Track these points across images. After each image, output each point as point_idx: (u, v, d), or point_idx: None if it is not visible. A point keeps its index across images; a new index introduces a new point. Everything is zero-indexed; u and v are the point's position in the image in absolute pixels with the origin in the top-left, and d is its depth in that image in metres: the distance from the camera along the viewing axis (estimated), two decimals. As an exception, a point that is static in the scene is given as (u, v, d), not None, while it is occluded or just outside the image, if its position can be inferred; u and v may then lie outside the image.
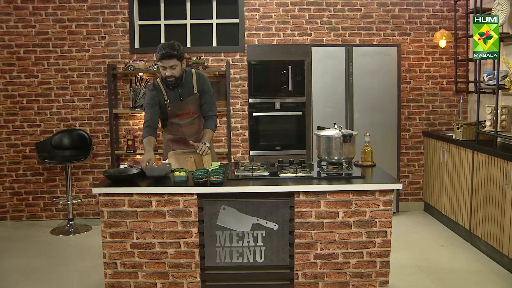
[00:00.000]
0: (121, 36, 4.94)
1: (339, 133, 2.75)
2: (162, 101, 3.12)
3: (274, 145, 4.79)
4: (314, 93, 4.66)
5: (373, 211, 2.58)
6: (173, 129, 3.22)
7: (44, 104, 4.94)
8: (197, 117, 3.18)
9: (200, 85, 3.11)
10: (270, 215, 2.57)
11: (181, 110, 3.11)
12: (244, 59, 4.96)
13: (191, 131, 3.19)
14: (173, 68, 2.96)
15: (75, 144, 4.82)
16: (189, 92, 3.11)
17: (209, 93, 3.16)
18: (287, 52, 4.71)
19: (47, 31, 4.88)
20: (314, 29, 4.97)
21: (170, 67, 2.96)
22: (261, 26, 4.96)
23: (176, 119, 3.16)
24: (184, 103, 3.10)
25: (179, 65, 2.99)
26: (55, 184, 4.99)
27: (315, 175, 2.72)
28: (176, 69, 2.98)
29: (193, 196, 2.55)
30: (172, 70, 2.97)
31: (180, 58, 2.97)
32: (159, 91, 3.12)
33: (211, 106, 3.16)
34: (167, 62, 2.93)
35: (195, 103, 3.12)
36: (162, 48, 2.92)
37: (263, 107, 4.74)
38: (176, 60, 2.95)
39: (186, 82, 3.11)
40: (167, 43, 2.95)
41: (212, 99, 3.18)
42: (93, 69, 4.94)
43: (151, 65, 4.79)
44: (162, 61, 2.93)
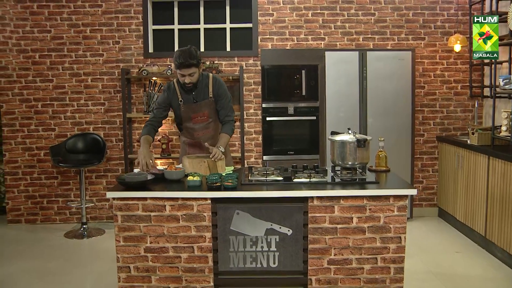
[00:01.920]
0: (135, 41, 5.00)
1: (353, 138, 2.75)
2: (176, 103, 3.14)
3: (287, 150, 4.80)
4: (328, 98, 4.66)
5: (387, 217, 2.57)
6: (188, 134, 3.24)
7: (59, 108, 5.01)
8: (212, 122, 3.20)
9: (216, 90, 3.13)
10: (284, 220, 2.58)
11: (195, 112, 3.14)
12: (257, 64, 4.98)
13: (206, 136, 3.20)
14: (191, 75, 2.99)
15: (89, 148, 4.88)
16: (204, 96, 3.13)
17: (226, 98, 3.17)
18: (301, 56, 4.73)
19: (62, 35, 4.96)
20: (327, 34, 4.98)
21: (188, 75, 2.99)
22: (275, 30, 4.99)
23: (190, 123, 3.18)
24: (198, 106, 3.13)
25: (197, 71, 3.02)
26: (69, 188, 5.06)
27: (329, 180, 2.72)
28: (195, 75, 3.01)
29: (206, 201, 2.57)
30: (190, 77, 3.00)
31: (198, 65, 3.00)
32: (173, 92, 3.15)
33: (228, 111, 3.17)
34: (185, 70, 2.95)
35: (210, 107, 3.15)
36: (180, 56, 2.92)
37: (276, 111, 4.76)
38: (195, 68, 2.97)
39: (201, 85, 3.13)
40: (184, 51, 2.95)
41: (229, 104, 3.19)
42: (107, 74, 5.01)
43: (165, 69, 4.84)
44: (180, 70, 2.95)
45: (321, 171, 2.86)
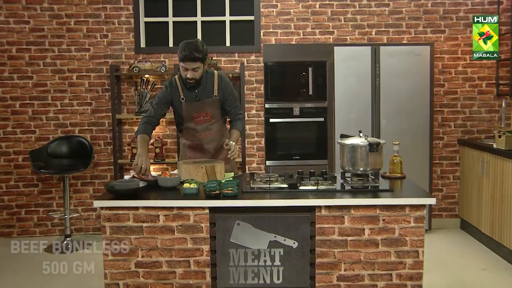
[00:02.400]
0: (125, 34, 5.04)
1: (364, 142, 2.78)
2: (177, 100, 3.20)
3: (292, 155, 4.82)
4: (337, 98, 4.69)
5: (403, 228, 2.59)
6: (189, 135, 3.29)
7: (40, 109, 5.02)
8: (216, 123, 3.24)
9: (221, 89, 3.19)
10: (289, 232, 2.61)
11: (197, 111, 3.19)
12: (260, 60, 5.02)
13: (208, 138, 3.25)
14: (195, 70, 3.05)
15: (74, 152, 4.89)
16: (208, 94, 3.19)
17: (234, 97, 3.27)
18: (307, 52, 4.76)
19: (43, 27, 4.97)
20: (337, 27, 5.02)
21: (192, 70, 3.04)
22: (279, 23, 5.02)
23: (192, 123, 3.22)
24: (201, 104, 3.18)
25: (202, 67, 3.08)
26: (51, 197, 5.06)
27: (338, 188, 2.75)
28: (198, 71, 3.07)
29: (204, 210, 2.60)
30: (193, 73, 3.06)
31: (204, 61, 3.07)
32: (175, 89, 3.20)
33: (238, 109, 3.29)
34: (190, 64, 3.02)
35: (214, 106, 3.20)
36: (185, 48, 2.99)
37: (280, 112, 4.79)
38: (200, 62, 3.04)
39: (205, 83, 3.19)
40: (191, 43, 3.02)
41: (237, 102, 3.30)
42: (94, 70, 5.04)
43: (158, 66, 4.87)
44: (184, 63, 3.02)
45: (330, 178, 2.89)
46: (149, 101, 4.88)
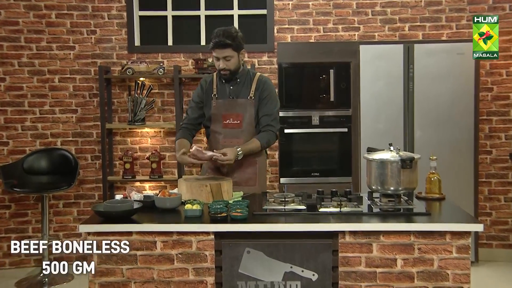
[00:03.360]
0: (116, 30, 5.11)
1: (395, 157, 2.79)
2: (209, 97, 3.34)
3: (311, 171, 4.85)
4: (363, 105, 4.72)
5: (444, 260, 2.58)
6: (213, 141, 3.38)
7: (14, 116, 5.03)
8: (246, 131, 3.30)
9: (259, 91, 3.30)
10: (307, 262, 2.62)
11: (228, 111, 3.29)
12: (273, 61, 5.07)
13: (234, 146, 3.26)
14: (227, 59, 3.20)
15: (55, 168, 4.90)
16: (244, 94, 3.31)
17: (272, 103, 3.32)
18: (329, 52, 4.80)
19: (17, 20, 4.98)
20: (363, 22, 5.05)
21: (223, 58, 3.19)
22: (295, 18, 5.07)
23: (219, 125, 3.32)
24: (233, 103, 3.29)
25: (235, 56, 3.22)
26: (26, 220, 5.03)
27: (365, 210, 2.76)
28: (231, 61, 3.21)
29: (209, 236, 2.61)
30: (226, 62, 3.20)
31: (238, 48, 3.21)
32: (209, 85, 3.37)
33: (272, 119, 3.31)
34: (220, 52, 3.18)
35: (247, 109, 3.29)
36: (216, 35, 3.18)
37: (297, 122, 4.82)
38: (232, 50, 3.19)
39: (243, 81, 3.33)
40: (223, 30, 3.20)
41: (275, 112, 3.35)
42: (80, 72, 5.10)
43: (155, 68, 4.93)
44: (215, 51, 3.20)
45: (355, 199, 2.90)
46: (144, 108, 4.94)
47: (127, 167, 4.98)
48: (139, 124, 4.97)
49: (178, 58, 5.13)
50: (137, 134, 5.18)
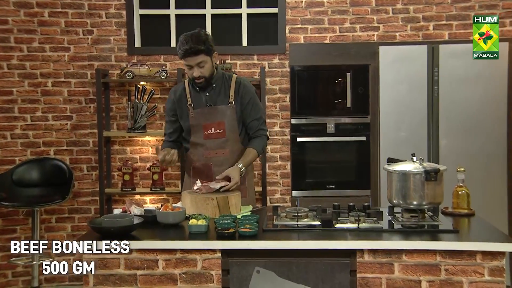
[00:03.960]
0: (115, 31, 5.15)
1: (419, 168, 2.79)
2: (184, 108, 3.31)
3: (326, 183, 4.84)
4: (383, 111, 4.72)
5: (475, 283, 2.55)
6: (196, 153, 3.35)
7: (3, 123, 5.04)
8: (231, 140, 3.30)
9: (240, 96, 3.29)
10: (323, 283, 2.61)
11: (208, 120, 3.27)
12: (284, 64, 5.09)
13: (220, 157, 3.29)
14: (201, 66, 3.17)
15: (47, 179, 4.91)
16: (222, 100, 3.29)
17: (255, 107, 3.34)
18: (345, 53, 4.81)
19: (6, 19, 5.00)
20: (383, 21, 5.06)
21: (197, 65, 3.16)
22: (309, 17, 5.09)
23: (200, 136, 3.29)
24: (212, 111, 3.27)
25: (209, 61, 3.20)
26: (15, 237, 4.98)
27: (386, 227, 2.76)
28: (205, 66, 3.19)
29: (215, 254, 2.61)
30: (200, 69, 3.18)
31: (209, 52, 3.18)
32: (181, 94, 3.34)
33: (260, 123, 3.34)
34: (192, 59, 3.14)
35: (229, 117, 3.27)
36: (184, 41, 3.14)
37: (310, 130, 4.83)
38: (204, 55, 3.16)
39: (220, 85, 3.30)
40: (190, 34, 3.17)
41: (261, 114, 3.37)
42: (75, 76, 5.13)
43: (157, 71, 4.95)
44: (186, 59, 3.16)
45: (374, 214, 2.89)
46: (145, 114, 4.96)
47: (126, 179, 4.99)
48: (139, 132, 4.98)
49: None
50: (137, 143, 5.21)
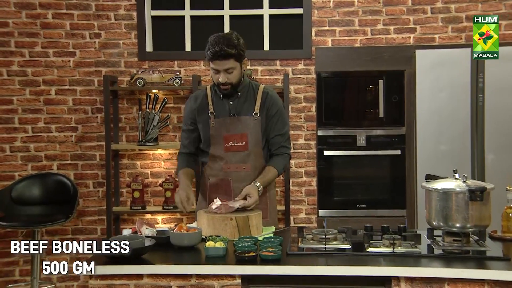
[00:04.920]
0: (124, 34, 5.20)
1: (462, 186, 2.76)
2: (205, 116, 3.31)
3: (356, 202, 4.83)
4: (420, 122, 4.70)
5: (526, 317, 2.53)
6: (214, 167, 3.34)
7: (1, 135, 5.09)
8: (253, 155, 3.30)
9: (266, 107, 3.29)
10: (354, 314, 2.60)
11: (230, 131, 3.27)
12: (310, 70, 5.11)
13: (241, 173, 3.28)
14: (229, 72, 3.16)
15: (49, 196, 4.94)
16: (247, 110, 3.29)
17: (281, 121, 3.33)
18: (378, 58, 4.81)
19: (7, 21, 5.06)
20: (420, 22, 5.03)
21: (224, 71, 3.15)
22: (337, 18, 5.09)
23: (219, 149, 3.29)
24: (235, 121, 3.27)
25: (238, 67, 3.19)
26: (12, 261, 5.04)
27: (425, 252, 2.73)
28: (234, 73, 3.18)
29: (235, 280, 2.60)
30: (227, 75, 3.17)
31: (240, 58, 3.18)
32: (202, 100, 3.34)
33: (284, 139, 3.33)
34: (221, 63, 3.13)
35: (252, 129, 3.28)
36: (214, 43, 3.13)
37: (339, 142, 4.82)
38: (234, 61, 3.15)
39: (245, 95, 3.31)
40: (221, 36, 3.16)
41: (286, 130, 3.36)
42: (81, 83, 5.18)
43: (171, 78, 4.98)
44: (213, 62, 3.15)
45: (411, 237, 2.86)
46: (157, 126, 4.98)
47: (136, 196, 5.02)
48: (150, 144, 5.01)
49: (198, 66, 5.19)
50: (148, 157, 5.24)
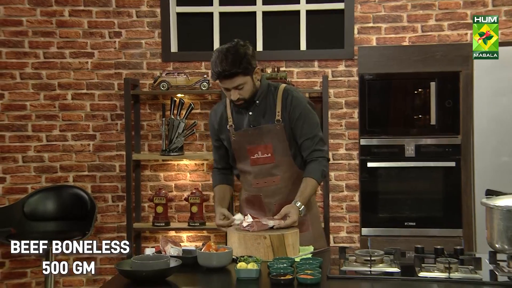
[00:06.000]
0: (147, 32, 5.24)
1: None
2: (225, 129, 3.35)
3: (404, 219, 4.79)
4: (477, 130, 4.66)
5: None
6: (245, 181, 3.41)
7: (14, 144, 5.17)
8: (281, 165, 3.30)
9: (287, 110, 3.28)
10: None
11: (252, 143, 3.29)
12: (352, 72, 5.10)
13: (271, 187, 3.30)
14: (239, 88, 3.17)
15: (65, 211, 4.99)
16: (268, 118, 3.30)
17: (308, 122, 3.30)
18: (429, 58, 4.77)
19: (20, 19, 5.15)
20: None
21: (234, 88, 3.17)
22: (383, 14, 5.08)
23: (246, 163, 3.33)
24: (256, 132, 3.28)
25: (249, 80, 3.19)
26: (24, 283, 5.10)
27: (487, 279, 2.68)
28: (245, 88, 3.18)
29: (269, 306, 2.61)
30: (239, 92, 3.18)
31: (248, 72, 3.17)
32: (221, 114, 3.38)
33: (315, 141, 3.29)
34: (228, 82, 3.15)
35: (276, 137, 3.28)
36: (217, 62, 3.12)
37: (384, 152, 4.80)
38: (242, 76, 3.15)
39: (264, 101, 3.31)
40: (224, 53, 3.13)
41: (315, 130, 3.31)
42: (100, 87, 5.25)
43: (198, 80, 5.00)
44: (222, 82, 3.17)
45: (470, 261, 2.83)
46: (183, 133, 5.00)
47: (159, 211, 5.03)
48: (175, 154, 5.03)
49: (227, 67, 5.19)
50: (172, 168, 5.27)
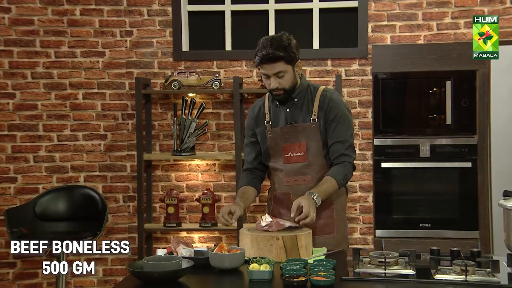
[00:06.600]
0: (158, 31, 5.25)
1: (546, 204, 2.72)
2: (263, 126, 3.39)
3: (419, 221, 4.78)
4: (494, 130, 4.64)
5: None
6: (276, 180, 3.42)
7: (25, 143, 5.20)
8: (314, 165, 3.32)
9: (324, 111, 3.31)
10: None
11: (287, 141, 3.32)
12: (366, 71, 5.09)
13: (301, 186, 3.30)
14: (279, 76, 3.20)
15: (76, 211, 5.01)
16: (304, 116, 3.33)
17: (342, 125, 3.31)
18: (445, 56, 4.75)
19: (32, 18, 5.18)
20: (496, 13, 4.92)
21: (275, 75, 3.20)
22: (398, 12, 5.07)
23: (279, 161, 3.36)
24: (292, 130, 3.31)
25: (290, 70, 3.23)
26: (35, 283, 5.11)
27: (505, 282, 2.66)
28: (285, 77, 3.22)
29: (282, 308, 2.61)
30: (278, 79, 3.21)
31: (291, 60, 3.21)
32: (260, 110, 3.43)
33: (345, 146, 3.31)
34: (270, 67, 3.18)
35: (312, 136, 3.31)
36: (262, 46, 3.18)
37: (399, 153, 4.78)
38: (285, 63, 3.19)
39: (303, 99, 3.34)
40: (270, 38, 3.22)
41: (348, 136, 3.33)
42: (111, 86, 5.27)
43: (210, 79, 4.99)
44: (262, 66, 3.21)
45: (487, 263, 2.81)
46: (194, 133, 5.01)
47: (171, 212, 5.04)
48: (187, 154, 5.04)
49: (239, 67, 5.22)
50: (184, 168, 5.28)
